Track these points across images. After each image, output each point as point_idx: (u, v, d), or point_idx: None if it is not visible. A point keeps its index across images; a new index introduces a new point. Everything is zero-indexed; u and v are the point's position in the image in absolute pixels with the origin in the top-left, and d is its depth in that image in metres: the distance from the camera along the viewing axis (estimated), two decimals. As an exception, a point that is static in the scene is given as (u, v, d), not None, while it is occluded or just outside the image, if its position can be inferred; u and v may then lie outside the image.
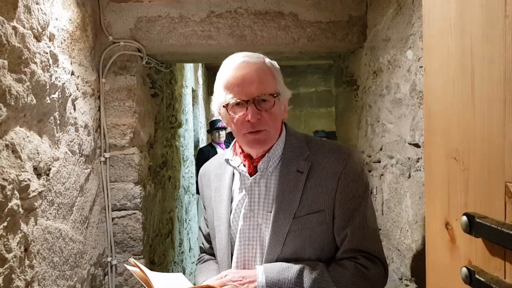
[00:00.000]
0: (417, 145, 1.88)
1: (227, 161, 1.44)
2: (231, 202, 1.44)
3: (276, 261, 1.31)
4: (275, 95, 1.30)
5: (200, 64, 7.03)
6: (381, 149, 2.33)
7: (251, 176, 1.38)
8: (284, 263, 1.30)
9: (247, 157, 1.40)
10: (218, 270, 1.46)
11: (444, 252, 0.91)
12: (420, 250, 1.79)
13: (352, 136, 2.89)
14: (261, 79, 1.28)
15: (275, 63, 1.38)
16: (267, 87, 1.29)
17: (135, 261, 1.35)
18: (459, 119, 0.85)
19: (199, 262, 1.63)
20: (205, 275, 1.47)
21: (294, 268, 1.28)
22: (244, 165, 1.40)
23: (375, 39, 2.37)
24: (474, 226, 0.77)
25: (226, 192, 1.45)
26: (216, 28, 2.47)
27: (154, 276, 1.32)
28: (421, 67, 1.83)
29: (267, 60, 1.35)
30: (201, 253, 1.68)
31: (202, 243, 1.66)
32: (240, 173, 1.42)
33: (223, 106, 1.32)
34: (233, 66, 1.30)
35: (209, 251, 1.61)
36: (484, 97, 0.78)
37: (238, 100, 1.27)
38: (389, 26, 2.18)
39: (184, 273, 4.46)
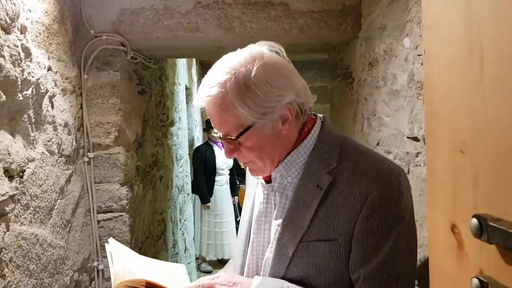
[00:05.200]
0: (416, 139, 1.77)
1: None
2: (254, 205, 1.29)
3: None
4: (235, 136, 1.08)
5: (194, 61, 6.90)
6: (378, 144, 2.22)
7: (267, 184, 1.21)
8: (286, 283, 1.10)
9: None
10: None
11: (450, 260, 0.80)
12: (422, 252, 1.68)
13: (348, 131, 2.79)
14: (219, 119, 1.10)
15: (250, 76, 1.05)
16: (227, 129, 1.10)
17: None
18: (466, 106, 0.74)
19: None
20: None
21: None
22: None
23: (370, 28, 2.26)
24: (486, 230, 0.66)
25: (252, 193, 1.31)
26: (203, 19, 2.35)
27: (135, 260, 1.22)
28: (419, 55, 1.72)
29: (230, 88, 1.05)
30: None
31: None
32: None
33: None
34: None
35: None
36: (495, 79, 0.67)
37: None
38: (384, 14, 2.07)
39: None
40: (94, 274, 2.36)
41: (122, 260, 1.22)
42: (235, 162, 6.72)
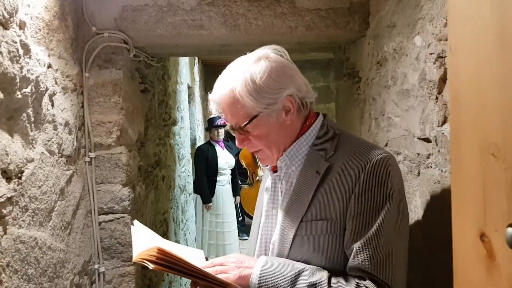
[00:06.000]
0: (427, 140, 1.71)
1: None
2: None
3: None
4: (244, 125, 1.25)
5: (196, 60, 6.85)
6: (386, 145, 2.16)
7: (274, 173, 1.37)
8: (288, 260, 1.23)
9: None
10: None
11: (478, 270, 0.75)
12: (435, 257, 1.62)
13: (354, 131, 2.73)
14: (230, 111, 1.27)
15: (255, 72, 1.21)
16: (236, 119, 1.26)
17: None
18: (498, 105, 0.68)
19: None
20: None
21: (294, 267, 1.20)
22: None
23: (379, 27, 2.20)
24: (525, 241, 0.61)
25: (264, 187, 1.46)
26: (207, 17, 2.29)
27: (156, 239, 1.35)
28: (431, 54, 1.66)
29: (238, 83, 1.21)
30: None
31: None
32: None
33: None
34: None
35: None
36: (535, 76, 0.61)
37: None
38: (394, 11, 2.01)
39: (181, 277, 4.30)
40: (95, 277, 2.31)
41: (144, 238, 1.31)
42: (237, 162, 6.67)
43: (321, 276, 1.16)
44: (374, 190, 1.15)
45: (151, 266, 1.09)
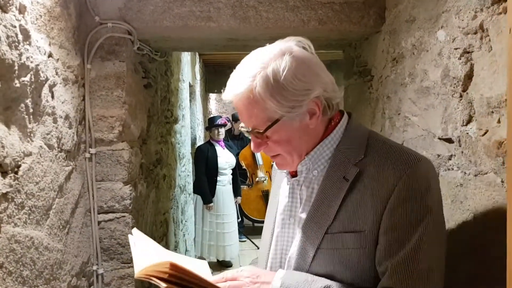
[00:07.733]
0: (449, 140, 1.62)
1: None
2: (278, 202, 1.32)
3: None
4: (264, 131, 1.10)
5: (198, 59, 6.76)
6: (402, 146, 2.06)
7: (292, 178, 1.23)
8: (310, 275, 1.11)
9: None
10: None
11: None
12: (455, 262, 1.52)
13: (364, 131, 2.62)
14: (247, 113, 1.11)
15: (279, 69, 1.05)
16: (254, 122, 1.11)
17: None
18: None
19: None
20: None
21: (319, 282, 1.08)
22: None
23: (396, 21, 2.11)
24: None
25: (276, 190, 1.34)
26: (216, 8, 2.19)
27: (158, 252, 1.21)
28: (456, 49, 1.57)
29: (259, 81, 1.05)
30: None
31: None
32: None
33: None
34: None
35: None
36: None
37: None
38: (414, 5, 1.91)
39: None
40: (93, 279, 2.20)
41: (146, 249, 1.18)
42: (237, 162, 6.57)
43: None
44: (413, 202, 1.03)
45: (163, 285, 0.94)
